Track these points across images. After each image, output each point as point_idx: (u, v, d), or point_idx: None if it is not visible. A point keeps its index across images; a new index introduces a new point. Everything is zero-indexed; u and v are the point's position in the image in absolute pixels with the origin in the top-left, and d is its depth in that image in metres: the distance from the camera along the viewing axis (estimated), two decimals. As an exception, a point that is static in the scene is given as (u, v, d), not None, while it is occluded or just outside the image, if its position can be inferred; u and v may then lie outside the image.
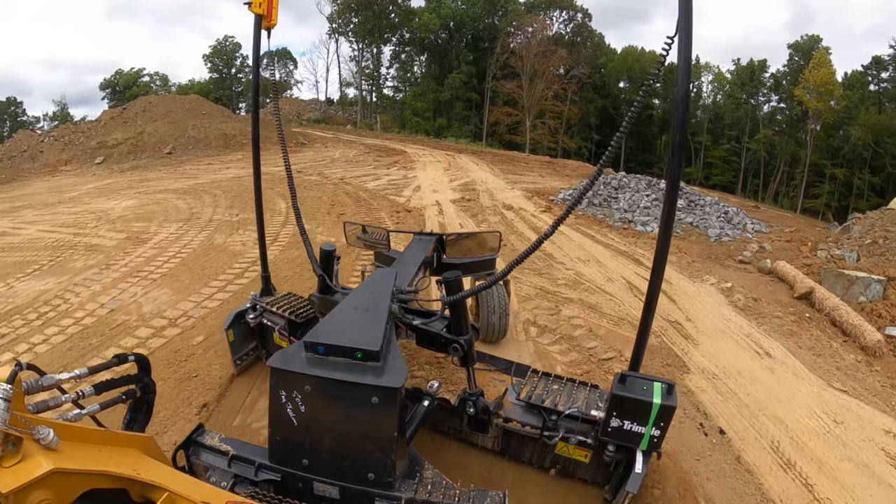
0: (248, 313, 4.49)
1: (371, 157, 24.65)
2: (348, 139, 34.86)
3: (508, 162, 26.30)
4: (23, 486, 1.53)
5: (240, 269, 7.79)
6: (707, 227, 10.94)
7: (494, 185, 17.21)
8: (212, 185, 15.96)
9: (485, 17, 54.80)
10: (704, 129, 55.25)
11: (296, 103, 63.00)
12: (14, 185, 23.07)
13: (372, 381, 2.42)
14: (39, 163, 28.60)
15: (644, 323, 2.83)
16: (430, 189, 15.59)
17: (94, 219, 11.73)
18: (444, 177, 18.76)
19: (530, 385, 3.51)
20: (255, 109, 4.56)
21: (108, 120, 32.25)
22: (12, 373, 1.69)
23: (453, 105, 54.43)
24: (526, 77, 50.72)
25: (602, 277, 7.90)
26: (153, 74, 68.01)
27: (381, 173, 19.25)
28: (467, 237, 4.99)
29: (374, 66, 58.06)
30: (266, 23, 3.94)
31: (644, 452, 2.90)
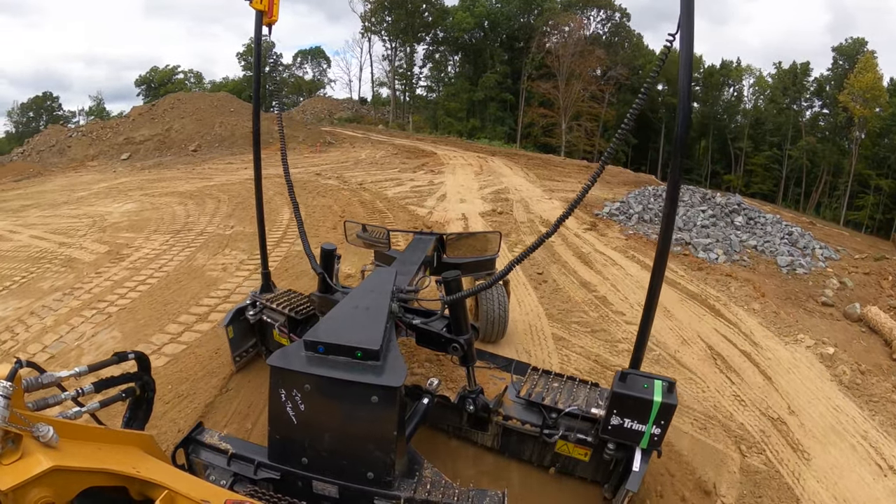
0: (247, 310, 4.44)
1: (398, 159, 23.67)
2: (378, 139, 34.33)
3: (544, 166, 24.59)
4: (22, 484, 1.54)
5: (207, 306, 6.53)
6: (774, 252, 9.40)
7: (530, 193, 15.50)
8: (222, 187, 15.35)
9: (520, 16, 53.71)
10: (745, 134, 53.27)
11: (328, 102, 62.98)
12: (37, 180, 23.36)
13: (372, 380, 2.39)
14: (67, 157, 28.73)
15: (645, 320, 2.75)
16: (458, 198, 14.22)
17: (87, 225, 11.22)
18: (473, 183, 17.28)
19: (530, 383, 3.46)
20: (256, 106, 4.49)
21: (137, 116, 32.42)
22: (12, 370, 1.70)
23: (487, 105, 53.45)
24: (562, 77, 49.29)
25: (674, 338, 6.16)
26: (187, 72, 68.67)
27: (405, 178, 18.04)
28: (467, 237, 5.06)
29: (407, 65, 57.49)
30: (267, 19, 3.97)
31: (644, 451, 2.84)
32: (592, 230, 10.71)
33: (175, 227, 10.52)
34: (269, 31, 4.05)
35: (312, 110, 58.67)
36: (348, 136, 34.78)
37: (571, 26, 50.95)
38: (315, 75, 72.33)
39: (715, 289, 7.80)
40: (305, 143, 28.45)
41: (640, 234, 10.27)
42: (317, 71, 72.26)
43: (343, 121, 52.21)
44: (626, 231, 10.63)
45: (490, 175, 19.50)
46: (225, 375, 4.58)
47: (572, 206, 2.57)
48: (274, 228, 10.12)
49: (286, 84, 68.95)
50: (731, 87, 56.06)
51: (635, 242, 9.85)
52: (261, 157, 4.55)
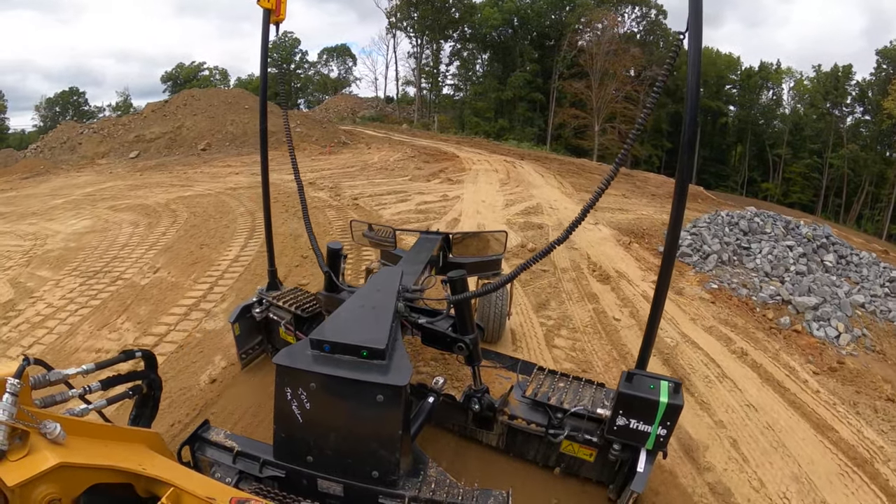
0: (254, 307, 4.46)
1: (414, 163, 21.98)
2: (399, 139, 33.66)
3: (579, 173, 23.02)
4: (29, 480, 1.60)
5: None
6: (891, 315, 7.16)
7: (569, 213, 13.01)
8: (192, 200, 13.78)
9: (550, 13, 52.61)
10: (784, 140, 51.64)
11: (352, 100, 63.02)
12: (40, 179, 23.16)
13: (377, 379, 2.45)
14: (78, 155, 28.55)
15: (651, 320, 2.79)
16: (475, 221, 11.78)
17: (22, 251, 9.77)
18: (497, 196, 14.94)
19: (536, 382, 3.50)
20: (263, 104, 4.36)
21: (150, 113, 32.36)
22: (20, 367, 1.75)
23: (516, 105, 52.68)
24: (595, 77, 48.00)
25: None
26: (213, 68, 69.63)
27: (414, 189, 15.69)
28: (473, 237, 5.06)
29: (433, 63, 57.13)
30: (275, 17, 3.98)
31: (649, 452, 2.88)
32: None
33: (100, 264, 8.79)
34: (276, 29, 4.10)
35: (336, 108, 58.87)
36: (367, 136, 34.22)
37: (605, 23, 49.69)
38: (341, 73, 72.58)
39: (876, 431, 4.88)
40: (319, 144, 28.03)
41: (727, 289, 7.96)
42: (342, 69, 72.54)
43: (366, 119, 52.15)
44: (708, 283, 8.15)
45: (518, 185, 17.40)
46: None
47: (586, 209, 2.62)
48: (226, 249, 8.83)
49: (311, 81, 68.35)
50: (771, 90, 54.69)
51: (727, 308, 7.41)
52: (268, 158, 4.45)
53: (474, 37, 54.21)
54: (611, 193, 16.88)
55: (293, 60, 68.64)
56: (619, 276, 8.45)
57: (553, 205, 13.97)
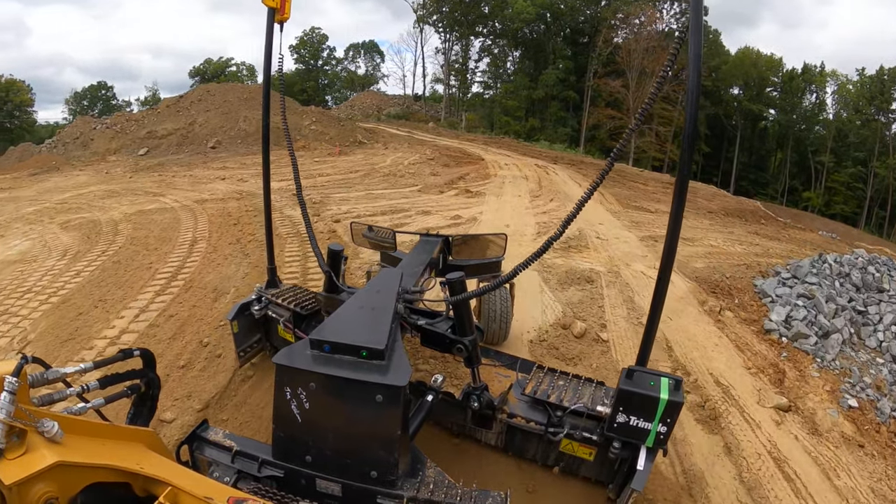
0: (252, 305, 4.51)
1: (430, 168, 20.26)
2: (422, 139, 32.84)
3: (621, 182, 21.43)
4: (27, 478, 1.62)
5: None
6: None
7: (623, 246, 10.39)
8: (150, 216, 12.20)
9: (585, 8, 51.59)
10: (827, 147, 49.89)
11: (379, 97, 62.89)
12: (43, 176, 22.65)
13: (376, 379, 2.48)
14: (90, 151, 28.22)
15: (651, 317, 2.83)
16: None
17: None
18: (527, 216, 12.59)
19: (535, 380, 3.54)
20: (266, 102, 4.52)
21: (164, 108, 32.23)
22: (18, 366, 1.78)
23: (548, 104, 51.76)
24: (632, 75, 46.91)
25: None
26: (240, 64, 70.06)
27: (421, 205, 13.33)
28: (473, 239, 5.17)
29: (463, 59, 56.97)
30: (279, 16, 4.05)
31: (649, 449, 2.92)
32: (782, 396, 5.51)
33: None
34: (280, 27, 4.13)
35: (361, 105, 58.80)
36: (388, 135, 33.52)
37: (643, 19, 48.50)
38: (368, 70, 72.97)
39: None
40: (333, 143, 27.34)
41: (866, 403, 5.56)
42: (370, 65, 72.93)
43: (391, 117, 51.73)
44: (843, 398, 5.59)
45: (552, 198, 15.19)
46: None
47: (579, 205, 2.71)
48: (101, 330, 6.38)
49: (337, 78, 67.97)
50: (814, 93, 52.88)
51: (881, 450, 5.02)
52: (269, 158, 4.52)
53: (505, 32, 53.29)
54: (663, 211, 15.30)
55: (321, 56, 69.03)
56: (724, 398, 5.44)
57: (600, 232, 11.36)
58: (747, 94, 51.98)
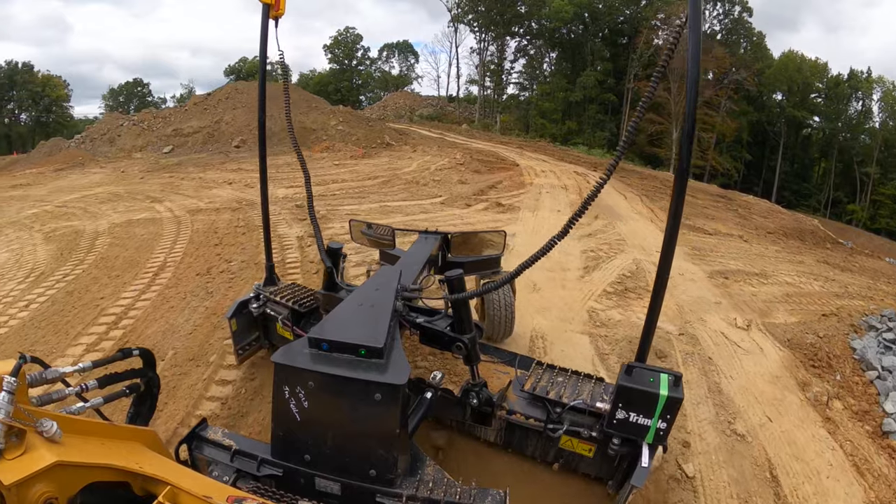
0: (251, 303, 4.53)
1: (459, 174, 18.55)
2: (453, 141, 31.87)
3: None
4: (26, 478, 1.62)
5: None
6: None
7: (687, 284, 8.55)
8: (134, 229, 11.12)
9: (624, 8, 50.23)
10: (874, 158, 47.88)
11: (412, 98, 62.59)
12: (65, 172, 22.44)
13: (375, 377, 2.48)
14: (116, 147, 28.22)
15: (651, 313, 2.79)
16: (527, 328, 6.51)
17: None
18: (569, 242, 10.26)
19: (535, 377, 3.50)
20: (262, 100, 4.61)
21: (192, 106, 32.21)
22: (17, 365, 1.79)
23: (585, 107, 50.76)
24: (675, 79, 44.11)
25: None
26: (275, 63, 65.84)
27: (440, 222, 11.40)
28: (473, 236, 5.12)
29: (498, 60, 56.37)
30: (274, 12, 4.01)
31: (649, 446, 2.88)
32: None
33: None
34: (276, 24, 4.08)
35: (394, 106, 58.53)
36: (418, 136, 32.51)
37: (684, 19, 44.58)
38: (402, 70, 73.05)
39: None
40: (359, 144, 26.58)
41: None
42: (404, 66, 72.98)
43: (424, 118, 51.29)
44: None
45: (597, 214, 13.05)
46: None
47: (582, 207, 2.57)
48: None
49: (371, 78, 67.42)
50: (861, 100, 50.88)
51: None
52: (266, 157, 4.66)
53: (541, 33, 52.29)
54: (723, 234, 13.67)
55: (354, 56, 69.28)
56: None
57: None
58: (791, 100, 50.01)
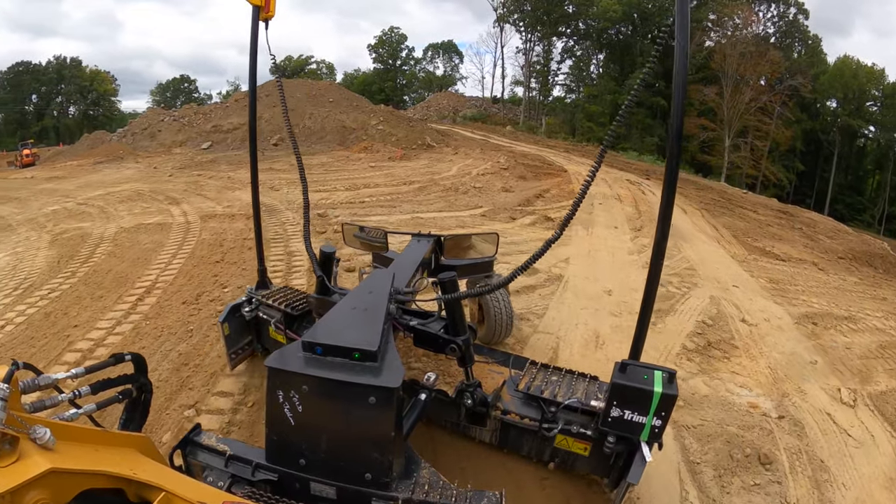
0: (243, 307, 4.46)
1: (502, 180, 17.24)
2: (497, 143, 30.79)
3: (727, 206, 18.80)
4: (19, 486, 1.58)
5: None
6: None
7: (774, 335, 6.70)
8: (137, 236, 10.32)
9: (673, 8, 44.52)
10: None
11: (455, 98, 61.79)
12: (102, 166, 22.37)
13: (369, 381, 2.44)
14: (157, 142, 28.12)
15: (644, 310, 2.83)
16: None
17: None
18: (632, 270, 8.86)
19: (529, 376, 3.48)
20: (253, 101, 4.26)
21: (233, 103, 32.11)
22: (9, 372, 1.77)
23: (634, 111, 44.31)
24: (728, 82, 42.74)
25: None
26: (320, 62, 71.73)
27: None
28: (465, 239, 5.12)
29: (544, 60, 55.11)
30: (264, 14, 3.92)
31: (645, 443, 2.86)
32: None
33: None
34: (266, 26, 4.00)
35: (438, 106, 57.96)
36: (460, 138, 31.86)
37: (738, 21, 44.59)
38: (446, 70, 72.49)
39: None
40: (398, 145, 25.79)
41: None
42: (448, 66, 72.25)
43: (467, 119, 50.70)
44: None
45: None
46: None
47: (577, 203, 2.64)
48: None
49: (415, 78, 66.65)
50: None
51: None
52: (257, 156, 4.40)
53: (589, 33, 50.89)
54: (795, 259, 11.83)
55: (399, 56, 69.21)
56: None
57: (740, 304, 7.60)
58: (846, 108, 47.54)
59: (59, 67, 66.08)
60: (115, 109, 70.65)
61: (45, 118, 65.54)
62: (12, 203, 15.89)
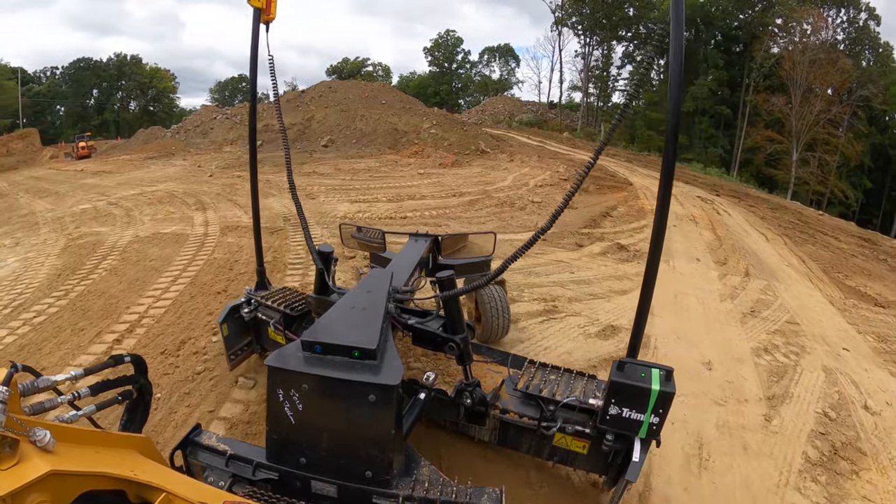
0: (242, 307, 4.41)
1: (563, 194, 13.91)
2: (554, 150, 29.33)
3: (808, 233, 16.18)
4: (20, 489, 1.55)
5: None
6: None
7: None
8: (147, 248, 9.22)
9: (737, 13, 45.51)
10: None
11: (511, 103, 60.20)
12: (151, 161, 22.34)
13: (369, 379, 2.42)
14: (208, 139, 27.91)
15: (641, 308, 2.79)
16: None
17: None
18: (729, 327, 6.96)
19: (527, 375, 3.44)
20: (253, 104, 4.23)
21: (285, 103, 32.20)
22: (8, 374, 1.76)
23: (697, 120, 46.99)
24: (797, 92, 39.63)
25: None
26: (377, 64, 71.99)
27: (543, 285, 7.66)
28: (463, 238, 5.17)
29: (603, 65, 54.25)
30: (265, 16, 3.85)
31: (642, 441, 2.86)
32: None
33: None
34: (266, 28, 3.93)
35: (493, 110, 56.76)
36: (516, 144, 30.58)
37: (807, 26, 41.70)
38: (502, 74, 71.53)
39: None
40: (452, 149, 24.51)
41: None
42: (504, 70, 71.25)
43: (522, 124, 49.19)
44: None
45: (746, 266, 9.96)
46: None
47: (569, 195, 2.58)
48: None
49: (471, 81, 65.39)
50: None
51: None
52: (256, 157, 4.27)
53: (650, 37, 49.44)
54: (876, 285, 10.80)
55: (455, 59, 68.98)
56: None
57: (856, 375, 5.94)
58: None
59: (120, 64, 67.88)
60: (175, 106, 72.76)
61: (106, 112, 67.39)
62: (51, 198, 16.19)
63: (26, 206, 15.11)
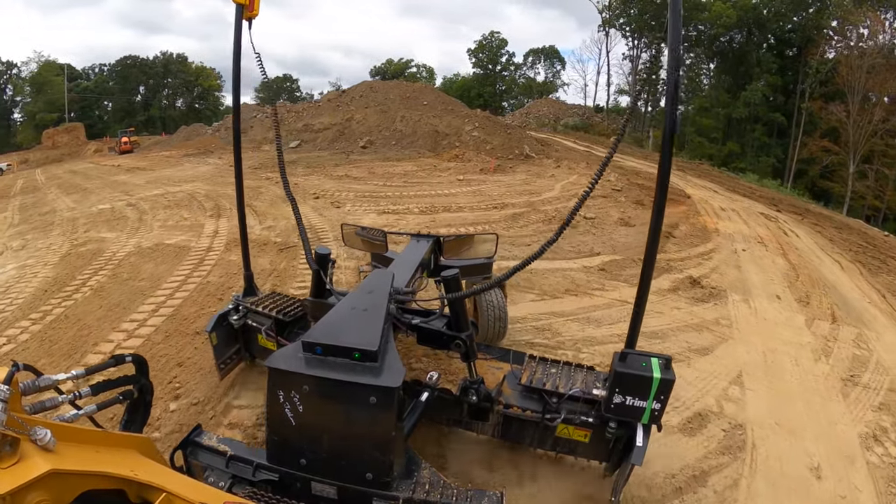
0: (230, 315, 4.33)
1: (618, 208, 13.55)
2: (602, 156, 23.57)
3: (880, 258, 13.41)
4: (20, 488, 1.54)
5: None
6: None
7: None
8: (148, 263, 8.50)
9: (791, 15, 43.16)
10: None
11: (556, 106, 58.90)
12: (187, 159, 22.05)
13: (370, 380, 2.44)
14: (247, 138, 27.30)
15: (639, 300, 2.87)
16: None
17: None
18: (833, 406, 5.11)
19: (529, 370, 3.51)
20: (236, 102, 4.18)
21: (325, 102, 31.32)
22: (9, 373, 1.74)
23: (750, 127, 44.88)
24: (854, 99, 36.93)
25: None
26: (420, 65, 72.12)
27: (602, 336, 6.21)
28: (465, 239, 5.15)
29: (652, 69, 47.08)
30: (248, 13, 3.84)
31: (645, 426, 2.96)
32: None
33: None
34: (249, 25, 3.89)
35: (537, 113, 55.64)
36: (562, 148, 29.54)
37: (865, 30, 39.23)
38: (547, 77, 70.16)
39: None
40: (494, 153, 23.11)
41: None
42: (549, 72, 69.89)
43: (568, 128, 48.32)
44: None
45: (830, 306, 7.96)
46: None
47: (584, 197, 2.63)
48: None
49: (515, 83, 63.89)
50: None
51: None
52: (241, 159, 4.30)
53: (700, 40, 47.22)
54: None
55: (499, 61, 67.96)
56: None
57: None
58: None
59: (166, 62, 69.31)
60: (220, 104, 74.00)
61: (152, 109, 68.84)
62: (77, 195, 16.32)
63: (51, 203, 15.20)
